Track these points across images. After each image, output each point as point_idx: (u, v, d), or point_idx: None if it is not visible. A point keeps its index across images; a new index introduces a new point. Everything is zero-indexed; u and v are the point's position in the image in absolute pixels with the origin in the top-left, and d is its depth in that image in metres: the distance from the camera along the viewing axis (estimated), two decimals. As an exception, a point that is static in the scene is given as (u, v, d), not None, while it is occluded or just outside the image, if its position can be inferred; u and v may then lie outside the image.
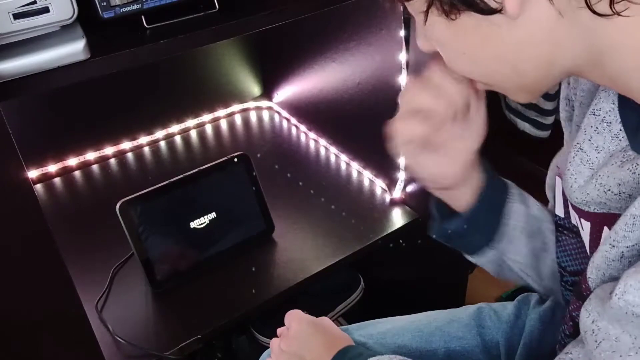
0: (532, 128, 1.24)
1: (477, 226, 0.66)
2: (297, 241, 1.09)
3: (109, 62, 0.60)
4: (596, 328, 0.40)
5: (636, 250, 0.42)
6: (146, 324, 0.94)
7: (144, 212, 0.97)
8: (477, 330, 0.76)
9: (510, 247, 0.66)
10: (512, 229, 0.65)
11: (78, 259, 1.00)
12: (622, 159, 0.47)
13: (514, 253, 0.66)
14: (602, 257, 0.46)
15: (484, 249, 0.67)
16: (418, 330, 0.79)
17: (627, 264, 0.39)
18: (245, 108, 1.53)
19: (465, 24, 0.41)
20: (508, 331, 0.76)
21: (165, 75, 1.36)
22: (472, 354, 0.75)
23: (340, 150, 1.33)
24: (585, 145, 0.50)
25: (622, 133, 0.47)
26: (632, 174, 0.45)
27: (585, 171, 0.50)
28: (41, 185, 1.26)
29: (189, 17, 0.66)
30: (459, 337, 0.76)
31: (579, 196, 0.51)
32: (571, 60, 0.43)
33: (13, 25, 0.54)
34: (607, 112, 0.49)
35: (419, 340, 0.77)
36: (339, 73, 1.20)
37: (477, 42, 0.44)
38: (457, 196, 0.66)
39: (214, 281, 1.01)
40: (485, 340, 0.76)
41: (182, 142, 1.42)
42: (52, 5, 0.55)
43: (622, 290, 0.39)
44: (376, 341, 0.78)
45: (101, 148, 1.34)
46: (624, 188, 0.46)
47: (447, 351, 0.76)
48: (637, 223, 0.41)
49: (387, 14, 1.01)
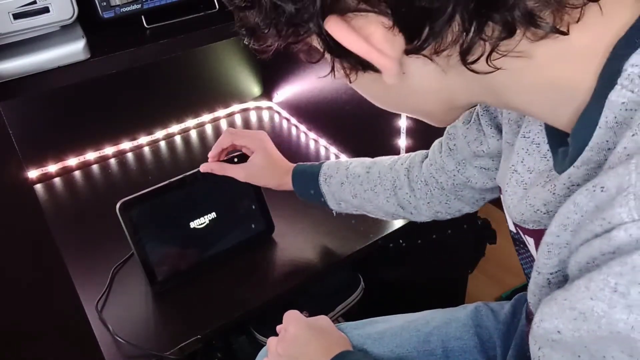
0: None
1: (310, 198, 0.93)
2: (297, 241, 1.09)
3: (109, 62, 0.60)
4: (542, 355, 0.40)
5: (562, 276, 0.42)
6: (146, 324, 0.94)
7: (144, 212, 0.97)
8: (474, 330, 0.77)
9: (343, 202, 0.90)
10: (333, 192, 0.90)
11: (78, 259, 1.00)
12: (545, 179, 0.48)
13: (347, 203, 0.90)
14: (533, 283, 0.46)
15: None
16: (416, 329, 0.79)
17: (556, 289, 0.39)
18: (245, 108, 1.53)
19: (366, 78, 0.42)
20: (505, 331, 0.76)
21: (165, 75, 1.36)
22: (470, 354, 0.76)
23: (340, 150, 1.33)
24: (519, 167, 0.52)
25: (549, 153, 0.49)
26: (552, 194, 0.45)
27: (519, 191, 0.52)
28: (41, 185, 1.26)
29: (189, 17, 0.66)
30: (456, 337, 0.77)
31: (516, 215, 0.53)
32: (470, 97, 0.45)
33: (13, 25, 0.54)
34: (536, 133, 0.51)
35: (416, 340, 0.77)
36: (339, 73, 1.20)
37: (380, 92, 0.48)
38: (287, 187, 0.96)
39: (214, 281, 1.01)
40: (482, 340, 0.76)
41: (182, 142, 1.42)
42: (52, 5, 0.55)
43: (539, 319, 0.38)
44: (374, 341, 0.78)
45: (101, 148, 1.34)
46: (550, 207, 0.47)
47: (445, 351, 0.76)
48: (552, 250, 0.41)
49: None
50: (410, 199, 0.83)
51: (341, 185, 0.89)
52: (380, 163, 0.88)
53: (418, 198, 0.82)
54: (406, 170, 0.83)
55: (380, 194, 0.86)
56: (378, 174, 0.86)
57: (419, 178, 0.81)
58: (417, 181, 0.82)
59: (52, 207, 1.21)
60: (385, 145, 1.15)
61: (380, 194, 0.86)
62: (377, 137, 1.17)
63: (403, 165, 0.85)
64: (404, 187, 0.83)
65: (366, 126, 1.19)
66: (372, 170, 0.87)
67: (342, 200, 0.91)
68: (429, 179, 0.80)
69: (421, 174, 0.81)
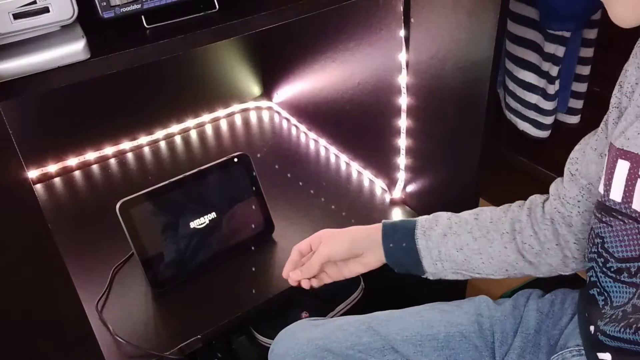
0: (532, 128, 1.24)
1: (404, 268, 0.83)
2: (297, 241, 1.08)
3: (109, 62, 0.59)
4: None
5: None
6: (146, 324, 0.94)
7: (144, 212, 0.97)
8: (475, 318, 0.79)
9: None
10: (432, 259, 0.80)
11: (78, 259, 1.00)
12: None
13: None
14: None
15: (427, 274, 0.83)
16: (420, 315, 0.82)
17: None
18: (245, 108, 1.53)
19: None
20: (503, 320, 0.79)
21: (165, 75, 1.36)
22: (470, 339, 0.78)
23: (340, 150, 1.33)
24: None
25: None
26: None
27: None
28: (41, 185, 1.26)
29: (189, 17, 0.66)
30: (458, 323, 0.79)
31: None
32: None
33: (13, 25, 0.54)
34: None
35: (420, 325, 0.80)
36: (339, 73, 1.20)
37: None
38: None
39: (214, 281, 1.01)
40: (482, 327, 0.79)
41: (182, 142, 1.42)
42: (52, 5, 0.55)
43: None
44: (380, 322, 0.81)
45: (101, 148, 1.34)
46: None
47: (447, 336, 0.78)
48: None
49: (387, 14, 1.01)
50: (532, 243, 0.75)
51: (443, 237, 0.79)
52: (487, 210, 0.80)
53: (542, 242, 0.75)
54: (528, 211, 0.77)
55: (496, 241, 0.77)
56: (490, 219, 0.78)
57: (544, 217, 0.75)
58: (542, 221, 0.75)
59: (52, 207, 1.21)
60: (386, 145, 1.15)
61: (496, 240, 0.77)
62: (377, 137, 1.16)
63: (521, 207, 0.78)
64: (525, 229, 0.76)
65: (366, 126, 1.19)
66: (481, 217, 0.79)
67: (441, 259, 0.80)
68: (554, 214, 0.74)
69: (545, 212, 0.75)
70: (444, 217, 0.81)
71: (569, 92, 1.20)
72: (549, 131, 1.24)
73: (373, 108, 1.13)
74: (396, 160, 1.15)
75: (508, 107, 1.28)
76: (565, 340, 0.73)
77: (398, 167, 1.15)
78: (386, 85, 1.07)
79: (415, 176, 1.14)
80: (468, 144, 0.97)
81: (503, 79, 1.27)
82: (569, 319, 0.76)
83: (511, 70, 1.22)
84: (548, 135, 1.24)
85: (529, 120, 1.24)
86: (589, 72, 1.17)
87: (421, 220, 0.82)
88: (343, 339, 0.79)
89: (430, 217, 0.82)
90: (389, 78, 1.06)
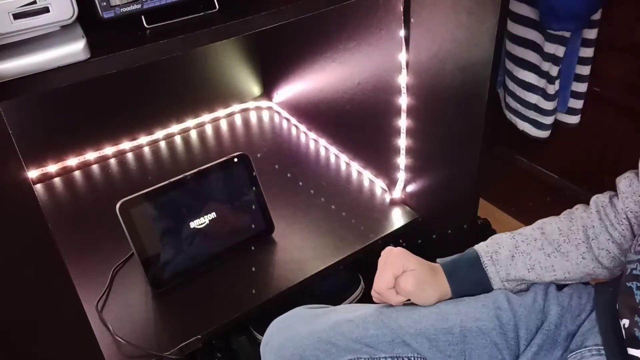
0: (532, 128, 1.24)
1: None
2: (297, 241, 1.09)
3: (109, 62, 0.59)
4: None
5: None
6: (146, 324, 0.94)
7: (143, 212, 0.97)
8: (494, 312, 0.74)
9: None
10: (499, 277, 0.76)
11: (78, 259, 1.00)
12: None
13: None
14: None
15: None
16: (435, 307, 0.76)
17: None
18: (245, 108, 1.53)
19: None
20: (527, 315, 0.73)
21: (165, 75, 1.36)
22: (489, 335, 0.72)
23: (340, 150, 1.33)
24: None
25: None
26: None
27: None
28: (41, 185, 1.26)
29: (189, 17, 0.66)
30: (476, 318, 0.73)
31: None
32: None
33: (13, 25, 0.54)
34: None
35: (435, 317, 0.74)
36: (339, 73, 1.20)
37: None
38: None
39: (214, 281, 1.01)
40: (502, 322, 0.73)
41: (182, 142, 1.42)
42: (52, 5, 0.55)
43: None
44: (392, 312, 0.75)
45: (101, 148, 1.34)
46: None
47: (463, 330, 0.73)
48: None
49: (387, 14, 1.01)
50: (610, 247, 0.72)
51: (512, 258, 0.75)
52: (551, 221, 0.76)
53: (620, 244, 0.71)
54: (598, 214, 0.73)
55: (572, 253, 0.73)
56: (559, 231, 0.74)
57: (619, 217, 0.71)
58: (617, 222, 0.71)
59: (52, 207, 1.21)
60: (385, 145, 1.15)
61: (571, 252, 0.73)
62: (377, 137, 1.16)
63: (589, 211, 0.74)
64: (600, 234, 0.72)
65: (366, 126, 1.19)
66: (547, 230, 0.75)
67: (509, 280, 0.76)
68: (628, 213, 0.70)
69: (619, 211, 0.72)
70: (505, 237, 0.77)
71: (569, 92, 1.20)
72: (548, 131, 1.24)
73: (373, 108, 1.13)
74: (396, 160, 1.15)
75: (508, 107, 1.28)
76: (582, 338, 0.70)
77: (398, 167, 1.16)
78: (386, 85, 1.07)
79: (415, 176, 1.14)
80: (468, 144, 0.97)
81: (503, 79, 1.27)
82: (587, 315, 0.72)
83: (511, 70, 1.22)
84: (548, 135, 1.24)
85: (529, 120, 1.24)
86: (589, 72, 1.17)
87: (481, 247, 0.78)
88: (348, 331, 0.73)
89: (488, 241, 0.78)
90: (389, 78, 1.06)
